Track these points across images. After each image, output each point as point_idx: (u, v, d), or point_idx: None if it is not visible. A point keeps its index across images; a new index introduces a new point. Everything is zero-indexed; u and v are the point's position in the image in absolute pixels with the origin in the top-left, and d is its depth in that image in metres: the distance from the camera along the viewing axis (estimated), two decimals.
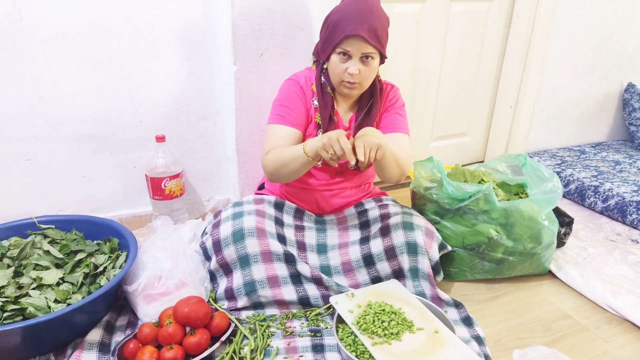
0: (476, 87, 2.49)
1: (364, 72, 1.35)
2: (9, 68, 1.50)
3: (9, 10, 1.44)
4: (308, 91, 1.48)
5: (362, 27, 1.28)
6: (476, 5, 2.28)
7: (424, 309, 1.30)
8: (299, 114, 1.46)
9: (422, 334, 1.21)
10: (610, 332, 1.41)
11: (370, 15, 1.29)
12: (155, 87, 1.72)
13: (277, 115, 1.45)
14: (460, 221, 1.57)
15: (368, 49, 1.31)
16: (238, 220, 1.40)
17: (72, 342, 1.24)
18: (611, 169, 2.38)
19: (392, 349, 1.16)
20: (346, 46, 1.32)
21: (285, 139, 1.42)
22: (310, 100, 1.48)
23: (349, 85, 1.38)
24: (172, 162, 1.76)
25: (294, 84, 1.48)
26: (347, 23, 1.29)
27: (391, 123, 1.52)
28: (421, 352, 1.15)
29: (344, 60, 1.35)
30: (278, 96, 1.50)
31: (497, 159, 1.83)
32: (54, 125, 1.62)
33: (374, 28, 1.30)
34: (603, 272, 1.68)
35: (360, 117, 1.48)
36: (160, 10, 1.62)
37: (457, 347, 1.16)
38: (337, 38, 1.31)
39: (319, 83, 1.47)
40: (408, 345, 1.17)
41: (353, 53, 1.32)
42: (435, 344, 1.17)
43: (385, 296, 1.34)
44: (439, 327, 1.23)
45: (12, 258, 1.35)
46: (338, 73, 1.37)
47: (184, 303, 1.23)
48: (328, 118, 1.44)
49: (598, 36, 2.56)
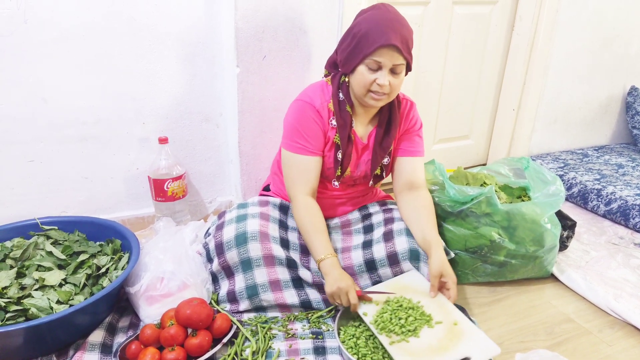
0: (479, 90, 2.49)
1: (393, 84, 1.30)
2: (13, 70, 1.51)
3: (14, 12, 1.45)
4: (325, 112, 1.41)
5: (395, 37, 1.24)
6: (479, 8, 2.28)
7: (443, 299, 1.28)
8: (318, 139, 1.41)
9: (440, 327, 1.20)
10: (613, 336, 1.41)
11: (400, 26, 1.27)
12: (158, 89, 1.72)
13: (297, 145, 1.40)
14: (462, 224, 1.56)
15: (400, 59, 1.28)
16: (242, 224, 1.40)
17: (74, 343, 1.24)
18: (614, 172, 2.38)
19: (410, 346, 1.15)
20: (378, 57, 1.26)
21: (310, 172, 1.42)
22: (328, 121, 1.42)
23: (376, 97, 1.33)
24: (174, 163, 1.76)
25: (309, 108, 1.40)
26: (380, 33, 1.25)
27: (411, 146, 1.51)
28: (439, 347, 1.14)
29: (373, 72, 1.29)
30: (293, 119, 1.41)
31: (500, 162, 1.83)
32: (56, 127, 1.63)
33: (405, 38, 1.27)
34: (605, 276, 1.67)
35: (380, 134, 1.45)
36: (163, 12, 1.63)
37: (474, 339, 1.16)
38: (369, 48, 1.26)
39: (337, 101, 1.40)
40: (425, 341, 1.17)
41: (384, 64, 1.27)
42: (454, 337, 1.17)
43: (405, 289, 1.33)
44: (458, 319, 1.22)
45: (15, 259, 1.35)
46: (365, 84, 1.31)
47: (186, 305, 1.23)
48: (347, 138, 1.41)
49: (601, 39, 2.55)
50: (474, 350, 1.13)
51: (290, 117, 1.43)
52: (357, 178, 1.52)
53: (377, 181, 1.54)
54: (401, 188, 1.52)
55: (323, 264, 1.33)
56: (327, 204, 1.56)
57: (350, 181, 1.52)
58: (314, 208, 1.41)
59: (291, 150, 1.42)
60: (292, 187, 1.43)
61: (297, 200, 1.41)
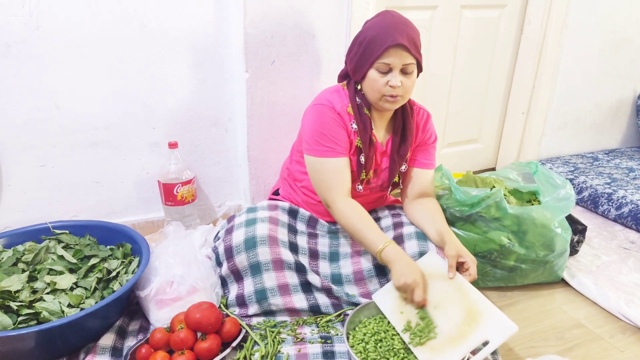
0: (487, 94, 2.48)
1: (405, 84, 1.30)
2: (26, 76, 1.53)
3: (26, 19, 1.47)
4: (345, 115, 1.39)
5: (402, 36, 1.25)
6: (488, 12, 2.28)
7: (461, 279, 1.26)
8: (345, 140, 1.39)
9: (457, 312, 1.19)
10: (625, 342, 1.40)
11: (406, 27, 1.28)
12: (168, 94, 1.74)
13: (324, 148, 1.37)
14: (471, 228, 1.56)
15: (409, 59, 1.28)
16: (251, 228, 1.40)
17: (84, 347, 1.25)
18: (625, 176, 2.36)
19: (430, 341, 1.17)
20: (387, 58, 1.27)
21: (343, 173, 1.39)
22: (350, 124, 1.40)
23: (391, 100, 1.32)
24: (184, 168, 1.77)
25: (330, 110, 1.38)
26: (386, 35, 1.26)
27: (426, 159, 1.52)
28: (458, 335, 1.15)
29: (384, 75, 1.30)
30: (315, 124, 1.38)
31: (509, 167, 1.83)
32: (68, 132, 1.64)
33: (412, 37, 1.28)
34: (617, 281, 1.66)
35: (397, 142, 1.45)
36: (173, 19, 1.64)
37: (492, 320, 1.15)
38: (377, 52, 1.27)
39: (355, 105, 1.39)
40: (445, 330, 1.17)
41: (394, 65, 1.28)
42: (472, 321, 1.16)
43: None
44: (476, 298, 1.21)
45: (26, 263, 1.37)
46: (378, 88, 1.31)
47: (196, 308, 1.24)
48: (368, 141, 1.40)
49: (611, 42, 2.54)
50: (492, 333, 1.12)
51: (311, 122, 1.39)
52: (374, 186, 1.52)
53: (394, 188, 1.55)
54: (411, 198, 1.52)
55: (385, 253, 1.28)
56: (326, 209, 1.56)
57: (369, 187, 1.52)
58: (357, 206, 1.38)
59: (319, 155, 1.38)
60: (328, 193, 1.39)
61: (338, 204, 1.37)
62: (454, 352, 1.12)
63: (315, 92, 1.54)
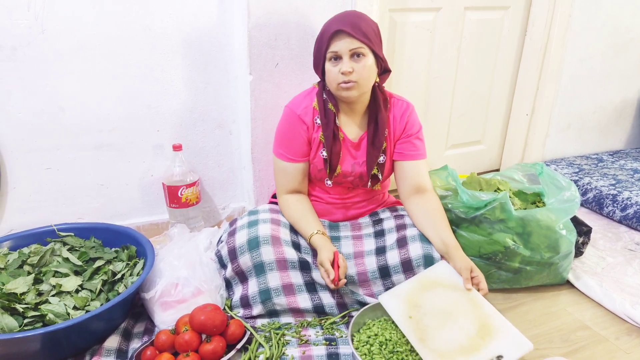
0: (491, 95, 2.48)
1: (357, 70, 1.33)
2: (31, 79, 1.54)
3: (31, 23, 1.48)
4: (308, 115, 1.46)
5: (344, 24, 1.30)
6: (491, 14, 2.28)
7: (474, 292, 1.26)
8: (300, 145, 1.48)
9: (471, 324, 1.18)
10: (631, 344, 1.39)
11: (352, 17, 1.34)
12: (172, 96, 1.74)
13: (280, 152, 1.50)
14: (476, 230, 1.56)
15: (355, 43, 1.31)
16: (253, 228, 1.41)
17: (90, 349, 1.25)
18: (629, 177, 2.35)
19: (440, 347, 1.14)
20: (333, 47, 1.32)
21: (293, 176, 1.51)
22: (313, 120, 1.47)
23: (345, 86, 1.35)
24: (188, 170, 1.78)
25: (290, 114, 1.47)
26: (331, 25, 1.33)
27: (412, 149, 1.51)
28: (470, 347, 1.13)
29: (336, 64, 1.35)
30: (278, 127, 1.52)
31: (513, 168, 1.82)
32: (73, 135, 1.65)
33: (357, 25, 1.31)
34: (622, 282, 1.65)
35: (371, 133, 1.47)
36: (177, 21, 1.65)
37: (507, 335, 1.14)
38: (324, 43, 1.34)
39: (321, 100, 1.45)
40: (457, 340, 1.15)
41: (342, 51, 1.32)
42: (485, 335, 1.15)
43: (433, 284, 1.30)
44: (490, 312, 1.20)
45: (32, 265, 1.37)
46: (333, 78, 1.36)
47: (200, 311, 1.24)
48: (332, 136, 1.44)
49: (615, 43, 2.53)
50: (507, 348, 1.11)
51: (278, 124, 1.52)
52: (353, 179, 1.52)
53: (375, 183, 1.54)
54: (407, 193, 1.52)
55: (313, 239, 1.41)
56: (333, 209, 1.59)
57: (347, 183, 1.53)
58: (298, 199, 1.52)
59: (276, 155, 1.52)
60: (278, 189, 1.55)
61: (283, 198, 1.53)
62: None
63: None
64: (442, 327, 1.20)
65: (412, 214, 1.50)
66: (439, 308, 1.24)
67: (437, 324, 1.21)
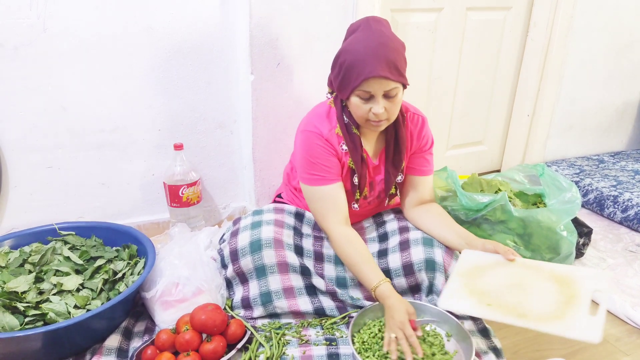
0: (493, 96, 2.48)
1: (389, 108, 1.24)
2: (33, 78, 1.54)
3: (33, 22, 1.48)
4: (334, 139, 1.36)
5: (380, 65, 1.17)
6: (493, 14, 2.28)
7: (518, 259, 1.22)
8: (335, 165, 1.37)
9: (547, 283, 1.14)
10: (631, 345, 1.39)
11: (385, 49, 1.18)
12: (174, 96, 1.75)
13: (315, 177, 1.36)
14: (477, 231, 1.56)
15: (390, 85, 1.20)
16: (256, 230, 1.40)
17: (90, 348, 1.25)
18: (630, 178, 2.35)
19: (546, 312, 1.08)
20: (366, 88, 1.20)
21: (337, 199, 1.37)
22: (339, 146, 1.37)
23: (376, 124, 1.28)
24: (189, 170, 1.78)
25: (317, 137, 1.35)
26: (364, 64, 1.18)
27: (422, 166, 1.48)
28: (568, 299, 1.08)
29: (366, 101, 1.24)
30: (304, 152, 1.37)
31: (515, 168, 1.82)
32: (75, 134, 1.65)
33: (392, 62, 1.18)
34: (622, 284, 1.65)
35: (390, 153, 1.42)
36: (179, 21, 1.65)
37: (583, 276, 1.12)
38: (355, 81, 1.20)
39: (343, 124, 1.35)
40: (552, 300, 1.10)
41: (375, 92, 1.21)
42: (567, 284, 1.12)
43: (478, 270, 1.23)
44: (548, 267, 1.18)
45: (33, 264, 1.37)
46: (361, 114, 1.27)
47: (201, 310, 1.24)
48: (360, 160, 1.38)
49: (617, 44, 2.53)
50: (593, 283, 1.10)
51: (301, 151, 1.38)
52: (371, 199, 1.51)
53: (391, 199, 1.53)
54: (410, 205, 1.51)
55: (380, 289, 1.26)
56: None
57: (366, 201, 1.51)
58: (354, 237, 1.37)
59: (311, 184, 1.37)
60: (323, 221, 1.39)
61: (334, 233, 1.37)
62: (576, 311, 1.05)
63: (321, 94, 1.54)
64: (528, 297, 1.12)
65: (419, 220, 1.47)
66: (506, 285, 1.17)
67: (520, 298, 1.13)
